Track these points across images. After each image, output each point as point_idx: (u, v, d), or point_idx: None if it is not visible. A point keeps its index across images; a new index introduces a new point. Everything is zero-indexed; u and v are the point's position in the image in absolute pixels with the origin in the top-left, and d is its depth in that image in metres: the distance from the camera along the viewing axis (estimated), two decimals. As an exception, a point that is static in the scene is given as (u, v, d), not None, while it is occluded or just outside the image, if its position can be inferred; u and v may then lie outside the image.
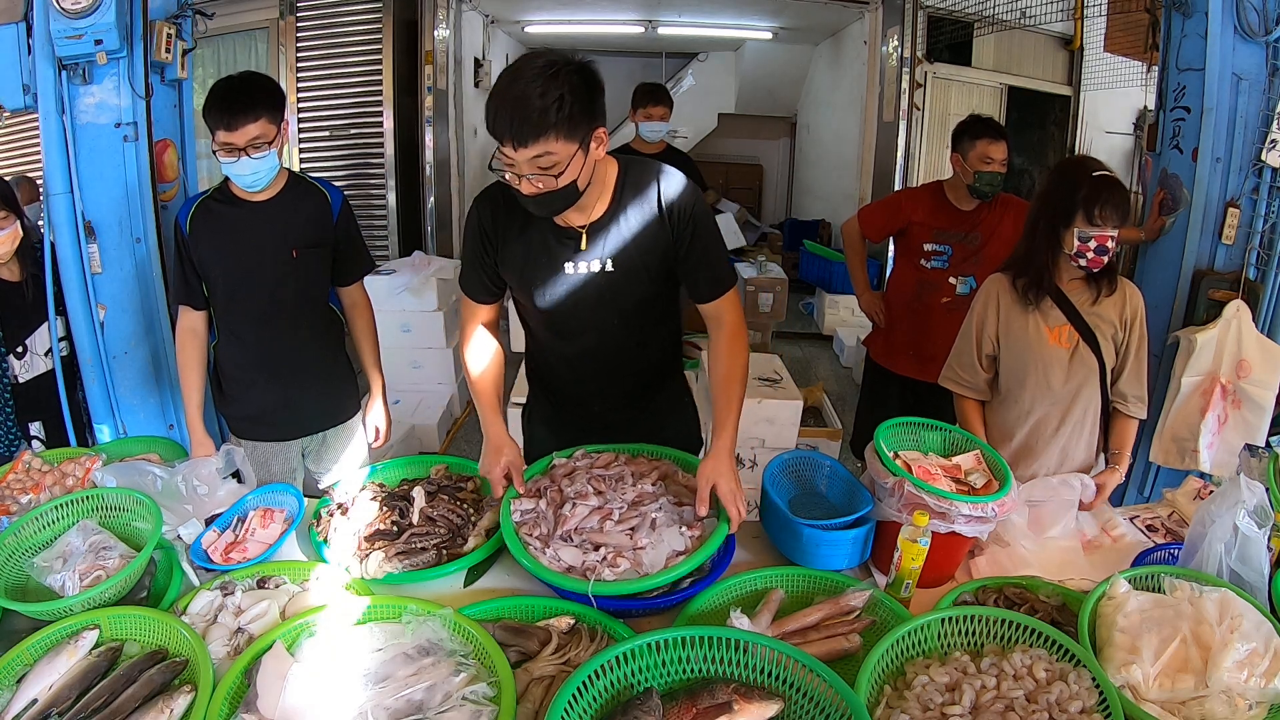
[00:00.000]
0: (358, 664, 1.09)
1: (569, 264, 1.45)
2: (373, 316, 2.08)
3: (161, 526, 1.36)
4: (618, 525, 1.32)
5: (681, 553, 1.29)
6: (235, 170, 1.72)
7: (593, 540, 1.30)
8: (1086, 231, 1.65)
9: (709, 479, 1.36)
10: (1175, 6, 2.34)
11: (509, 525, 1.37)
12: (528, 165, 1.25)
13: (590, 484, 1.42)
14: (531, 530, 1.36)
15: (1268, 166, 2.25)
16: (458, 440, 3.97)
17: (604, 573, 1.23)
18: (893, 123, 5.26)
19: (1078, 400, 1.81)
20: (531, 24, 6.58)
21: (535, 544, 1.32)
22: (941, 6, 5.16)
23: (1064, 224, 1.68)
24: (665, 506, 1.37)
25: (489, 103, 1.23)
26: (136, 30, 2.08)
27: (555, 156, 1.25)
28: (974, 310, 1.84)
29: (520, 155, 1.24)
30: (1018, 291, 1.78)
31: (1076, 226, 1.65)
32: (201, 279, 1.83)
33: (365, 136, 5.17)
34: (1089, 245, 1.65)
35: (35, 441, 2.03)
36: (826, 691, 0.98)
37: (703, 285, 1.50)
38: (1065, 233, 1.68)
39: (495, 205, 1.48)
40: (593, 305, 1.49)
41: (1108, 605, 1.21)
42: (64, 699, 1.07)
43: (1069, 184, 1.68)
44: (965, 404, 1.89)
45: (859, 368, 3.96)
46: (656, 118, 3.39)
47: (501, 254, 1.50)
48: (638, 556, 1.27)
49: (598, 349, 1.56)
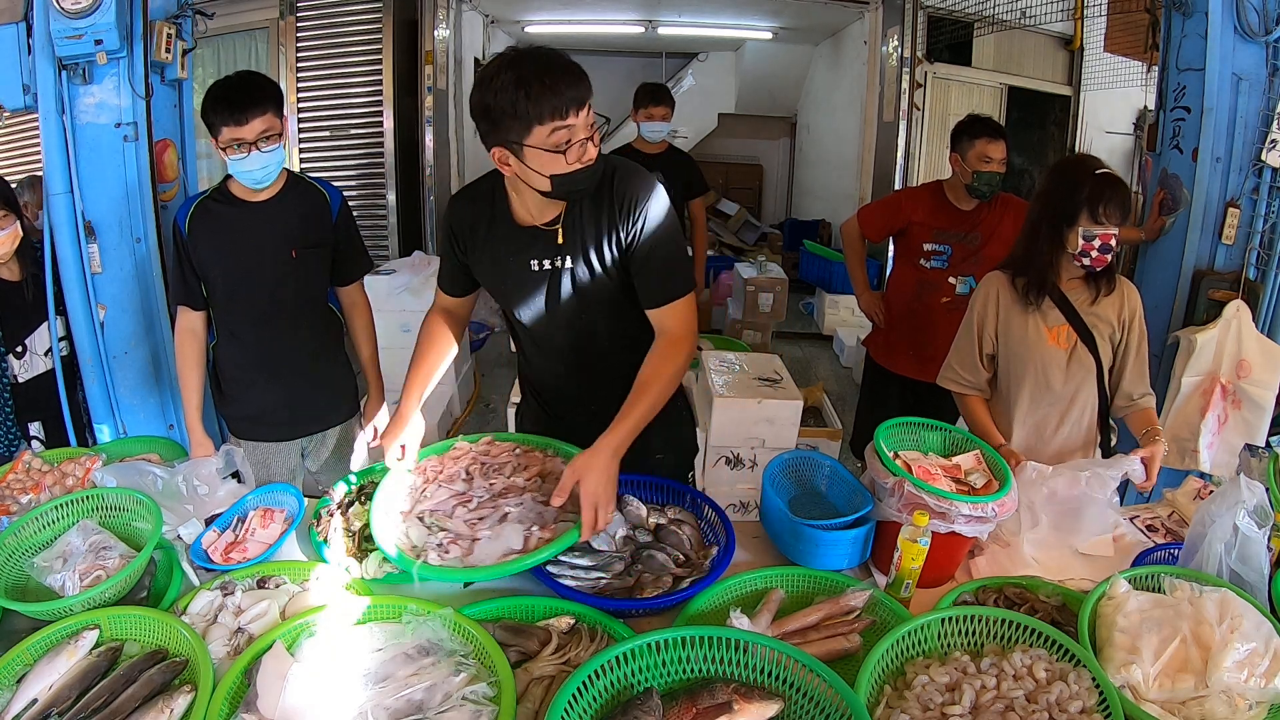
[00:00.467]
0: (358, 664, 1.09)
1: (534, 261, 1.45)
2: (371, 317, 2.09)
3: (161, 526, 1.36)
4: (471, 513, 1.34)
5: (517, 551, 1.27)
6: (245, 166, 1.71)
7: (440, 524, 1.33)
8: (1091, 230, 1.64)
9: (576, 472, 1.31)
10: (1175, 6, 2.34)
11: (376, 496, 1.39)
12: (585, 128, 1.28)
13: (468, 470, 1.45)
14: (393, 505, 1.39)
15: (1268, 166, 2.25)
16: (458, 440, 3.97)
17: (431, 556, 1.25)
18: (893, 123, 5.26)
19: (1076, 401, 1.81)
20: (531, 24, 6.58)
21: (395, 518, 1.35)
22: (941, 6, 5.16)
23: (1067, 223, 1.67)
24: (528, 503, 1.37)
25: (510, 94, 1.22)
26: (136, 30, 2.08)
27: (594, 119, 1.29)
28: (973, 309, 1.83)
29: (581, 119, 1.26)
30: (1017, 291, 1.77)
31: (1080, 225, 1.64)
32: (200, 279, 1.83)
33: (365, 136, 5.17)
34: (1093, 244, 1.64)
35: (35, 441, 2.03)
36: (826, 691, 0.98)
37: (650, 289, 1.44)
38: (1069, 232, 1.67)
39: (468, 204, 1.50)
40: (560, 305, 1.48)
41: (1108, 605, 1.21)
42: (64, 699, 1.07)
43: (1071, 183, 1.67)
44: (970, 401, 1.87)
45: (859, 368, 3.96)
46: (658, 118, 3.39)
47: (471, 254, 1.51)
48: (472, 547, 1.28)
49: (574, 349, 1.55)
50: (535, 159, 1.28)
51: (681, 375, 1.45)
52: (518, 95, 1.22)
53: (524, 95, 1.22)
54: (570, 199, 1.38)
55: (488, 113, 1.27)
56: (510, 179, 1.38)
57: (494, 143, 1.30)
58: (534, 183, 1.32)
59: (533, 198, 1.38)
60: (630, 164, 1.44)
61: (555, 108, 1.23)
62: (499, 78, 1.23)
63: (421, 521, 1.35)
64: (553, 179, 1.30)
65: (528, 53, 1.26)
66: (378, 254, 5.22)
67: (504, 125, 1.26)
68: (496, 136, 1.29)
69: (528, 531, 1.31)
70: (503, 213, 1.46)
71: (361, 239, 2.02)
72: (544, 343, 1.58)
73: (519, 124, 1.25)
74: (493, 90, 1.24)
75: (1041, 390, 1.80)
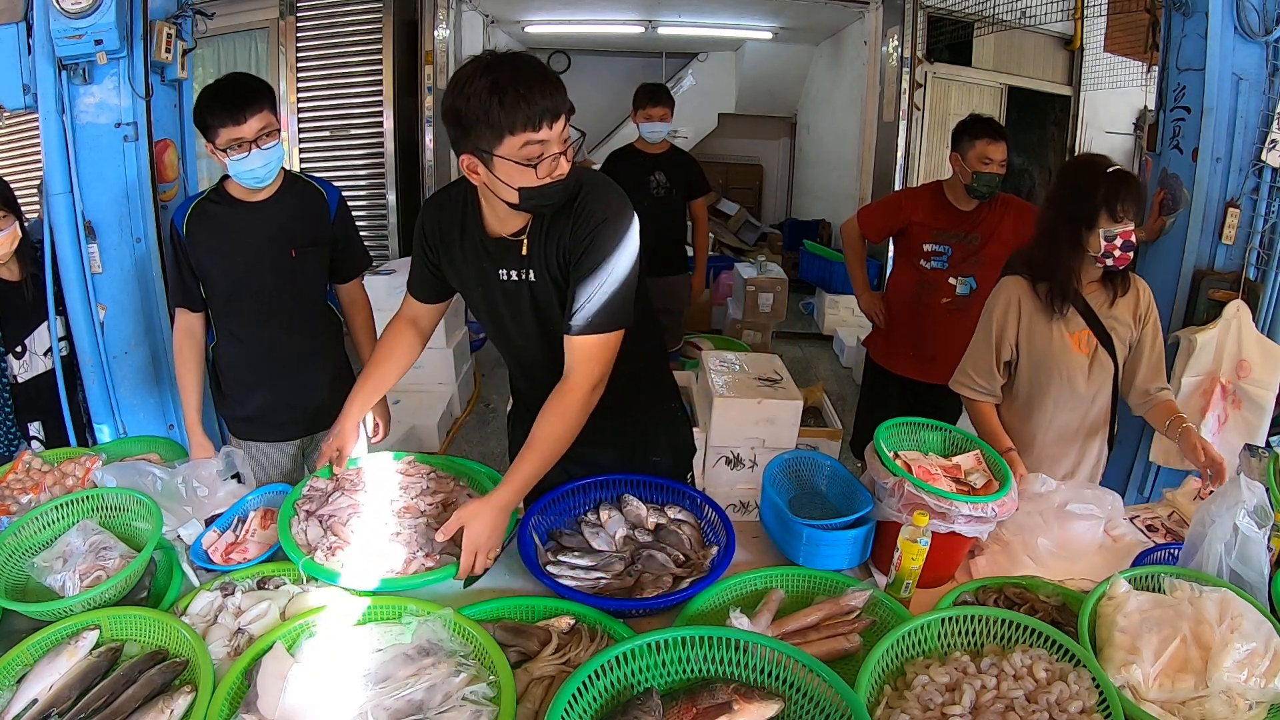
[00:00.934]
0: (358, 664, 1.09)
1: (503, 272, 1.42)
2: (371, 314, 2.09)
3: (162, 527, 1.36)
4: (364, 525, 1.41)
5: (396, 572, 1.31)
6: (246, 165, 1.70)
7: (333, 529, 1.40)
8: (1111, 229, 1.61)
9: (461, 519, 1.31)
10: (1175, 6, 2.34)
11: (294, 494, 1.47)
12: (559, 142, 1.24)
13: (375, 483, 1.53)
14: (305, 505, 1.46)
15: (1268, 166, 2.25)
16: (458, 440, 3.97)
17: (319, 556, 1.32)
18: (893, 123, 5.26)
19: (1096, 402, 1.80)
20: (531, 24, 6.58)
21: (300, 516, 1.43)
22: (941, 6, 5.16)
23: (1086, 225, 1.64)
24: (420, 528, 1.41)
25: (483, 100, 1.17)
26: (136, 30, 2.08)
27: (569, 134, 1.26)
28: (991, 315, 1.79)
29: (555, 132, 1.22)
30: (1040, 299, 1.73)
31: (1100, 226, 1.62)
32: (199, 281, 1.83)
33: (365, 136, 5.17)
34: (1115, 243, 1.62)
35: (35, 441, 2.03)
36: (826, 691, 0.98)
37: (569, 312, 1.35)
38: (1089, 234, 1.64)
39: (439, 210, 1.49)
40: (526, 315, 1.45)
41: (1108, 605, 1.21)
42: (64, 699, 1.07)
43: (1085, 184, 1.65)
44: (981, 407, 1.83)
45: (859, 368, 3.97)
46: (657, 118, 3.39)
47: (443, 260, 1.50)
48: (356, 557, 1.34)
49: (548, 360, 1.45)
50: (504, 170, 1.23)
51: (576, 430, 1.37)
52: (490, 102, 1.17)
53: (497, 103, 1.17)
54: (537, 213, 1.34)
55: (458, 118, 1.21)
56: (480, 187, 1.34)
57: (463, 149, 1.25)
58: (501, 194, 1.28)
59: (502, 207, 1.33)
60: (606, 183, 1.39)
61: (529, 118, 1.18)
62: (473, 82, 1.18)
63: (320, 523, 1.41)
64: (521, 191, 1.25)
65: (505, 58, 1.21)
66: (378, 254, 5.22)
67: (475, 132, 1.21)
68: (466, 143, 1.24)
69: (411, 555, 1.34)
70: (474, 221, 1.43)
71: (360, 237, 2.02)
72: (520, 353, 1.56)
73: (490, 132, 1.20)
74: (465, 95, 1.19)
75: (1066, 395, 1.78)
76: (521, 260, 1.40)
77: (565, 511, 1.54)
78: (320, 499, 1.47)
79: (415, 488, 1.53)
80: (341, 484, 1.52)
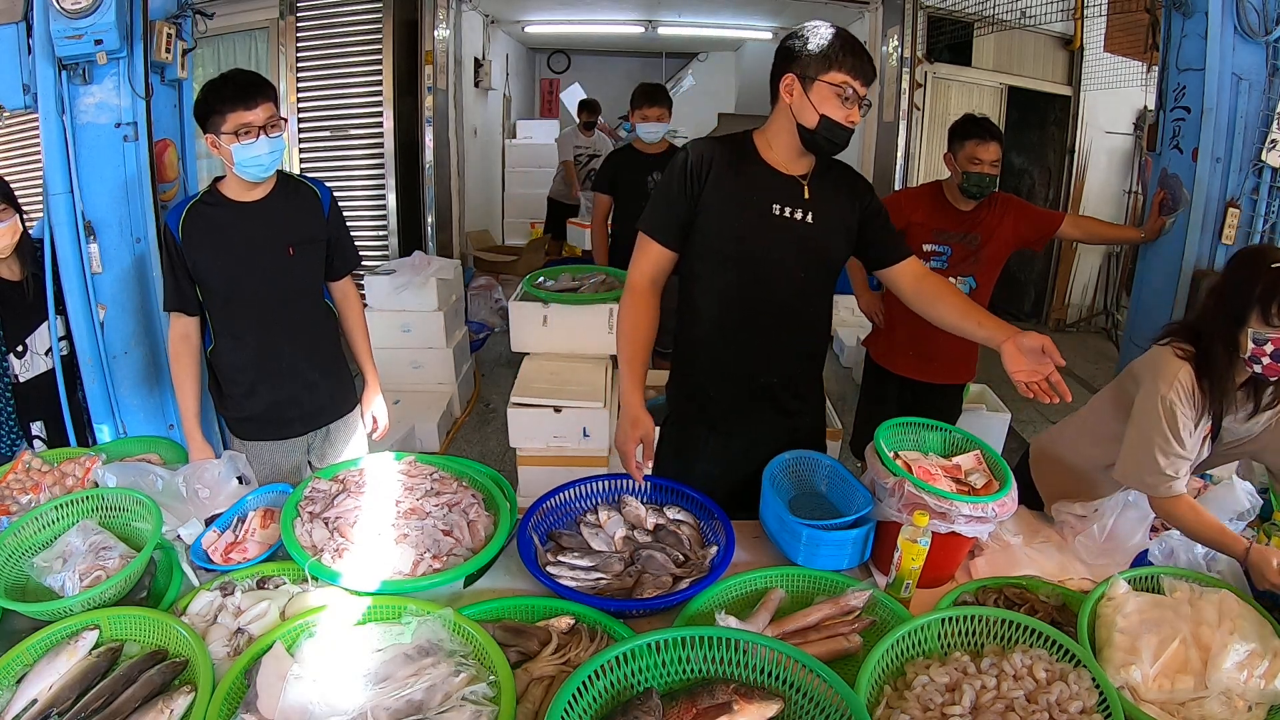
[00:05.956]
0: (358, 664, 1.09)
1: (776, 206, 1.53)
2: (362, 309, 2.10)
3: (162, 526, 1.36)
4: (370, 527, 1.39)
5: (404, 574, 1.30)
6: (253, 151, 1.70)
7: (340, 530, 1.39)
8: (1262, 333, 1.42)
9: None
10: (1175, 6, 2.34)
11: (296, 496, 1.48)
12: (858, 100, 1.46)
13: (379, 485, 1.51)
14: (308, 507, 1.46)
15: (1268, 166, 2.25)
16: (458, 440, 3.97)
17: (325, 557, 1.32)
18: (893, 123, 5.27)
19: None
20: (531, 24, 6.59)
21: (303, 518, 1.42)
22: (941, 6, 5.16)
23: (1237, 323, 1.45)
24: (427, 529, 1.40)
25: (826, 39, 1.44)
26: (136, 30, 2.08)
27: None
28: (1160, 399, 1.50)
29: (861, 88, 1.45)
30: (1200, 392, 1.50)
31: (1251, 327, 1.43)
32: (194, 283, 1.83)
33: (365, 136, 5.17)
34: (1264, 349, 1.42)
35: (38, 441, 2.03)
36: (826, 691, 0.98)
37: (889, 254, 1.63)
38: (1238, 332, 1.46)
39: (713, 144, 1.58)
40: (793, 253, 1.55)
41: (1107, 606, 1.21)
42: (64, 699, 1.07)
43: (1245, 277, 1.47)
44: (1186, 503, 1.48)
45: (859, 368, 3.96)
46: (653, 119, 3.40)
47: (708, 195, 1.54)
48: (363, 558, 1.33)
49: (784, 304, 1.58)
50: (819, 95, 1.45)
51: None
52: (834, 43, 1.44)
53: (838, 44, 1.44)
54: (821, 150, 1.52)
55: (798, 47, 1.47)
56: (780, 110, 1.52)
57: (788, 71, 1.48)
58: (804, 117, 1.47)
59: (789, 146, 1.53)
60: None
61: (854, 68, 1.44)
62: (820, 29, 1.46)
63: (326, 525, 1.41)
64: (823, 119, 1.46)
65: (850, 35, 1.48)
66: (378, 254, 5.23)
67: (806, 55, 1.45)
68: (795, 66, 1.47)
69: (419, 557, 1.34)
70: (754, 155, 1.56)
71: (350, 234, 2.04)
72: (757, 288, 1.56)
73: (820, 62, 1.44)
74: (813, 30, 1.46)
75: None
76: (803, 200, 1.54)
77: (565, 512, 1.54)
78: (324, 500, 1.47)
79: (419, 489, 1.52)
80: (346, 485, 1.52)
